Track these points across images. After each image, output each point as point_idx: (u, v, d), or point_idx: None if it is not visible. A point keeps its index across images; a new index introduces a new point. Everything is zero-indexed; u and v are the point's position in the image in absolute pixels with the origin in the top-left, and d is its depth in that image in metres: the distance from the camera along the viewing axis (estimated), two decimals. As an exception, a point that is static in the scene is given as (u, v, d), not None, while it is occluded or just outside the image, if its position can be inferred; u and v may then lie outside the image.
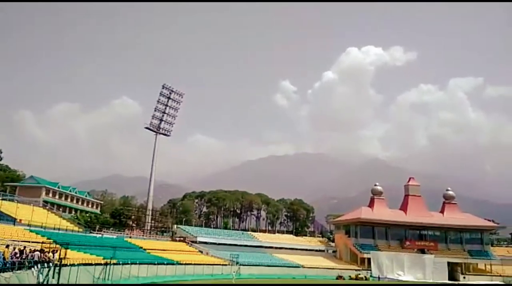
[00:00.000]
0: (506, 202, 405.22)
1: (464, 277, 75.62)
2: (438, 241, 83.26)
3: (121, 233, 66.03)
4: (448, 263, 76.89)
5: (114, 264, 37.73)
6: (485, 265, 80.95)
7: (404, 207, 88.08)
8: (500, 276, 75.58)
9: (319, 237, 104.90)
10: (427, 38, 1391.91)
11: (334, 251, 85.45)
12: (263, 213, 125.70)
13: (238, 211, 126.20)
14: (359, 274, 69.72)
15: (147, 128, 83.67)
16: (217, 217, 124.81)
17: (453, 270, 77.08)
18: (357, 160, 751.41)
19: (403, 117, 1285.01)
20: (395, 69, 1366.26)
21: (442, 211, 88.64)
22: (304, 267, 69.80)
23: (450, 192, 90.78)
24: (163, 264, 47.83)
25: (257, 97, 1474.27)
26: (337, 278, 65.58)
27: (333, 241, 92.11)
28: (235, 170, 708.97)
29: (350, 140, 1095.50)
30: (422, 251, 79.81)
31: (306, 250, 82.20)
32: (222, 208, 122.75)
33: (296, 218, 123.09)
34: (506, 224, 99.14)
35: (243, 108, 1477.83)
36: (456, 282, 71.93)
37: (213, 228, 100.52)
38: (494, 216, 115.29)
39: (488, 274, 78.32)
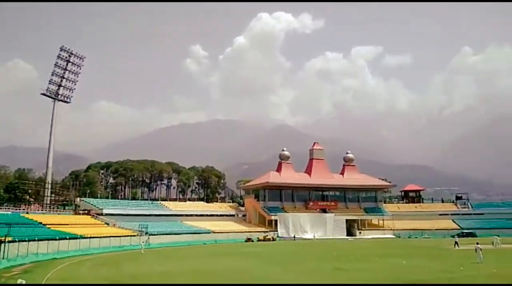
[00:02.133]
0: (398, 163, 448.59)
1: (360, 232, 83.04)
2: (338, 201, 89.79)
3: (17, 209, 60.99)
4: (346, 220, 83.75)
5: (9, 241, 34.82)
6: (378, 220, 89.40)
7: (308, 170, 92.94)
8: (391, 230, 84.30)
9: (230, 202, 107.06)
10: (333, 6, 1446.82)
11: (244, 215, 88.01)
12: (173, 182, 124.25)
13: (148, 181, 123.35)
14: (267, 235, 73.02)
15: (43, 94, 76.51)
16: (125, 188, 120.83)
17: (350, 227, 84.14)
18: (267, 126, 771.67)
19: (310, 84, 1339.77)
20: (304, 36, 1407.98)
21: (342, 173, 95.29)
22: (215, 232, 71.09)
23: (350, 155, 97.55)
24: (65, 238, 45.19)
25: (167, 62, 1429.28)
26: (246, 241, 67.94)
27: (243, 206, 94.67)
28: (144, 139, 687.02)
29: (260, 106, 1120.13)
30: (324, 211, 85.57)
31: (217, 215, 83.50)
32: (130, 178, 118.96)
33: (207, 185, 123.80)
34: (397, 183, 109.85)
35: (152, 73, 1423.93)
36: (352, 237, 78.60)
37: (121, 199, 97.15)
38: (387, 176, 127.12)
39: (381, 228, 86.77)
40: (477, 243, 32.26)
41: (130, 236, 57.79)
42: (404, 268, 27.95)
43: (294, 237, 75.67)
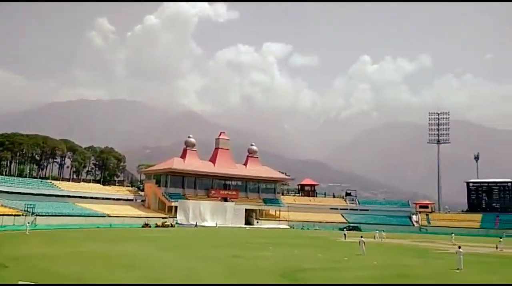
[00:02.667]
0: (297, 158, 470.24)
1: (257, 222, 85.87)
2: (239, 190, 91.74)
3: None
4: (246, 209, 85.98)
5: None
6: (275, 211, 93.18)
7: (213, 159, 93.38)
8: (286, 220, 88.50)
9: (129, 186, 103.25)
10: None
11: (143, 200, 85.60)
12: (68, 161, 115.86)
13: (38, 158, 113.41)
14: (166, 222, 71.92)
15: None
16: (10, 163, 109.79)
17: (249, 216, 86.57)
18: (173, 111, 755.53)
19: (220, 73, 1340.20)
20: (217, 25, 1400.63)
21: (245, 164, 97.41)
22: (110, 216, 68.17)
23: (254, 147, 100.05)
24: None
25: (70, 33, 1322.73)
26: (143, 226, 66.16)
27: (142, 191, 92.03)
28: (37, 112, 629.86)
29: (168, 90, 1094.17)
30: (225, 199, 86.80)
31: (114, 199, 79.99)
32: (18, 154, 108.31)
33: (105, 167, 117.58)
34: (295, 177, 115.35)
35: (51, 42, 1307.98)
36: (250, 226, 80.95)
37: (6, 175, 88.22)
38: (287, 170, 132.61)
39: (277, 219, 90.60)
40: (361, 237, 35.29)
41: (14, 215, 53.07)
42: (295, 257, 29.61)
43: (196, 224, 75.63)
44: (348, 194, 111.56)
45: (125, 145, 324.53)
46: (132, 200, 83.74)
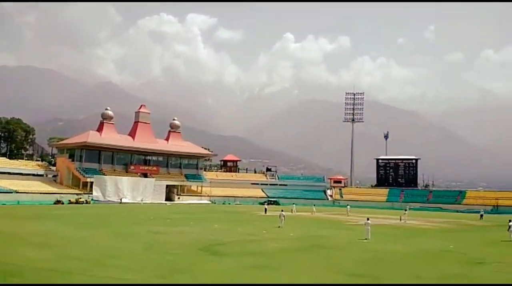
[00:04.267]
0: (220, 133, 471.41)
1: (179, 198, 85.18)
2: (160, 166, 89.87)
3: None
4: (167, 185, 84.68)
5: None
6: (197, 187, 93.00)
7: (132, 133, 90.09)
8: (208, 196, 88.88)
9: (39, 161, 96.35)
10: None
11: (54, 176, 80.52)
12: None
13: None
14: (80, 198, 68.47)
15: None
16: None
17: (170, 192, 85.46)
18: (89, 81, 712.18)
19: (141, 43, 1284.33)
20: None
21: (167, 139, 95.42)
22: (18, 192, 63.36)
23: (176, 122, 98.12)
24: None
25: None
26: (55, 203, 62.44)
27: (54, 165, 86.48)
28: None
29: (83, 59, 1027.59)
30: (145, 175, 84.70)
31: (22, 174, 74.13)
32: None
33: (12, 139, 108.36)
34: (218, 152, 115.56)
35: None
36: (171, 202, 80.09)
37: None
38: (210, 145, 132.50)
39: (199, 194, 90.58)
40: (282, 210, 36.79)
41: None
42: (215, 231, 30.00)
43: (121, 200, 73.20)
44: (268, 170, 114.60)
45: (35, 116, 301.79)
46: (42, 175, 78.35)
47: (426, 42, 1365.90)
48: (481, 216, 56.78)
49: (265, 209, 52.66)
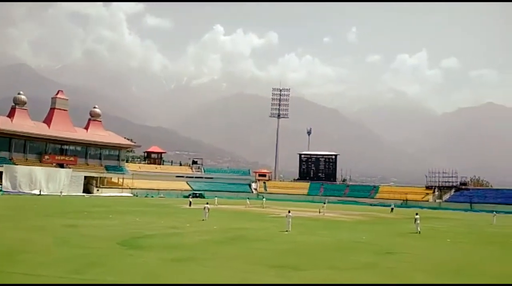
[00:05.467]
0: (145, 124, 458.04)
1: (98, 190, 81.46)
2: (78, 156, 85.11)
3: None
4: (85, 177, 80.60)
5: None
6: (118, 179, 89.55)
7: (48, 120, 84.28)
8: (130, 188, 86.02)
9: None
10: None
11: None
12: None
13: None
14: (-14, 190, 62.89)
15: None
16: None
17: (88, 184, 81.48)
18: (1, 62, 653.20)
19: (60, 24, 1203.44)
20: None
21: (86, 127, 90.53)
22: None
23: (97, 110, 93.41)
24: None
25: None
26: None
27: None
28: None
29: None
30: (62, 166, 79.82)
31: None
32: None
33: None
34: (142, 143, 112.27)
35: None
36: (89, 194, 76.39)
37: None
38: (133, 135, 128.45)
39: (120, 187, 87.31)
40: (207, 203, 36.80)
41: None
42: (136, 224, 29.17)
43: (40, 192, 68.23)
44: (194, 162, 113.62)
45: None
46: None
47: (349, 43, 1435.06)
48: (392, 209, 61.33)
49: (190, 202, 52.25)
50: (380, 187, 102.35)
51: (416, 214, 32.79)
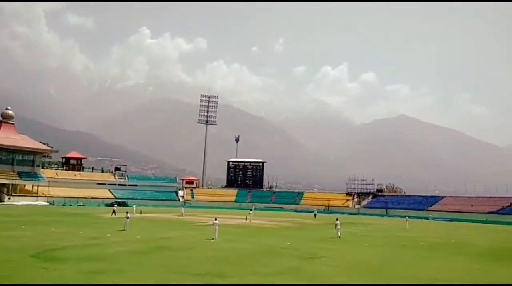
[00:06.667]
0: (64, 127, 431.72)
1: (9, 198, 75.16)
2: (-13, 162, 78.01)
3: None
4: (-5, 184, 74.03)
5: None
6: (33, 186, 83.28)
7: (-49, 122, 76.43)
8: (46, 196, 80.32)
9: None
10: None
11: None
12: None
13: None
14: None
15: None
16: None
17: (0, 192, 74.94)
18: None
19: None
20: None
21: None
22: None
23: (9, 111, 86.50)
24: None
25: None
26: None
27: None
28: None
29: None
30: (-34, 172, 72.60)
31: None
32: None
33: None
34: (60, 148, 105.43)
35: None
36: (0, 203, 70.27)
37: None
38: (50, 140, 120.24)
39: (34, 194, 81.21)
40: (127, 212, 35.60)
41: None
42: (53, 235, 27.31)
43: None
44: (117, 169, 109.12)
45: None
46: None
47: (276, 53, 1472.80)
48: (315, 215, 63.65)
49: (113, 211, 50.02)
50: (304, 194, 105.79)
51: (337, 220, 34.38)
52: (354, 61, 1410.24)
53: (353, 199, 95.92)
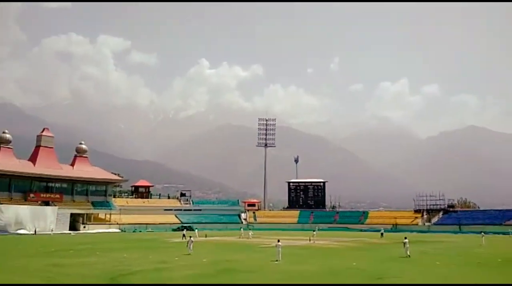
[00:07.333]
0: (132, 158, 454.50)
1: (84, 227, 79.88)
2: (64, 193, 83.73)
3: None
4: (71, 214, 79.13)
5: None
6: (105, 214, 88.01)
7: (33, 158, 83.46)
8: (117, 224, 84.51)
9: None
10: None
11: None
12: None
13: None
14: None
15: None
16: None
17: (75, 221, 79.92)
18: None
19: (46, 63, 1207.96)
20: (46, 10, 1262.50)
21: (73, 164, 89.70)
22: None
23: (83, 146, 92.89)
24: None
25: None
26: None
27: None
28: None
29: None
30: (47, 203, 78.40)
31: None
32: None
33: None
34: (129, 178, 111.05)
35: None
36: (76, 232, 74.81)
37: None
38: (120, 170, 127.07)
39: (107, 222, 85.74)
40: (190, 237, 36.49)
41: None
42: (124, 260, 28.61)
43: (35, 231, 66.86)
44: (182, 195, 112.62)
45: None
46: None
47: (331, 73, 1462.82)
48: (382, 234, 61.22)
49: (183, 235, 51.33)
50: (369, 213, 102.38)
51: (405, 238, 32.88)
52: (415, 74, 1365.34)
53: (422, 216, 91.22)
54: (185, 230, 60.20)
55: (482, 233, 48.12)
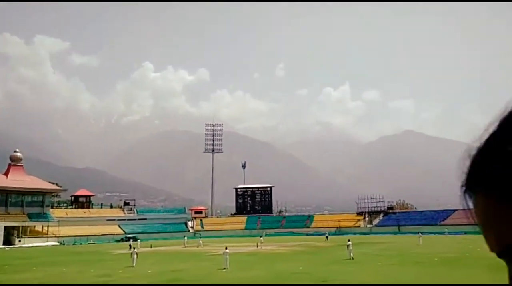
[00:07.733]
0: (72, 166, 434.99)
1: (20, 240, 75.08)
2: (-2, 205, 78.36)
3: None
4: (5, 227, 74.13)
5: None
6: (43, 227, 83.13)
7: (-40, 168, 77.37)
8: (56, 236, 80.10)
9: None
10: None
11: None
12: None
13: None
14: None
15: None
16: None
17: (9, 234, 74.92)
18: None
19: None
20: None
21: (6, 174, 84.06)
22: None
23: (18, 154, 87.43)
24: None
25: None
26: None
27: None
28: None
29: None
30: (-23, 217, 72.95)
31: None
32: None
33: None
34: (69, 187, 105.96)
35: None
36: (11, 246, 70.18)
37: None
38: (59, 179, 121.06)
39: (45, 235, 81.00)
40: (134, 248, 35.46)
41: None
42: (64, 275, 27.25)
43: None
44: (126, 204, 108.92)
45: None
46: None
47: (277, 78, 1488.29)
48: (326, 237, 62.90)
49: (130, 245, 49.46)
50: (314, 216, 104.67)
51: (348, 241, 34.01)
52: (355, 79, 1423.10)
53: (364, 218, 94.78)
54: (131, 240, 58.28)
55: (420, 233, 50.71)
